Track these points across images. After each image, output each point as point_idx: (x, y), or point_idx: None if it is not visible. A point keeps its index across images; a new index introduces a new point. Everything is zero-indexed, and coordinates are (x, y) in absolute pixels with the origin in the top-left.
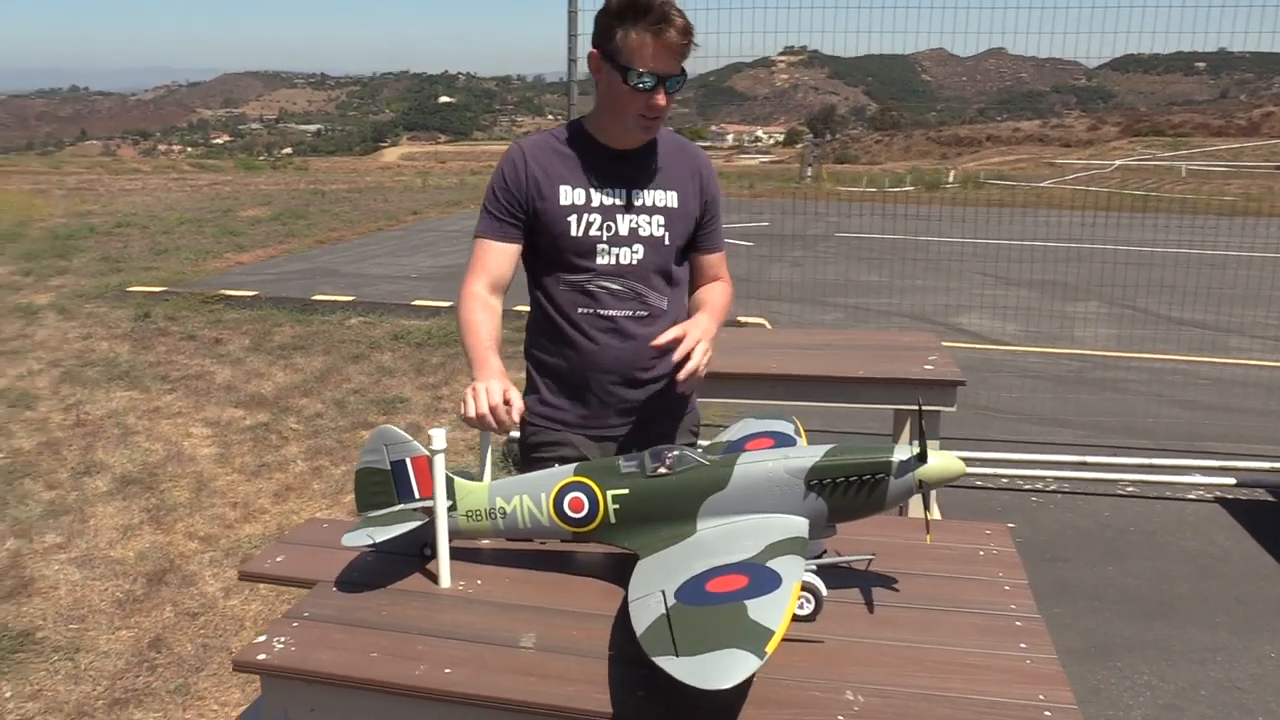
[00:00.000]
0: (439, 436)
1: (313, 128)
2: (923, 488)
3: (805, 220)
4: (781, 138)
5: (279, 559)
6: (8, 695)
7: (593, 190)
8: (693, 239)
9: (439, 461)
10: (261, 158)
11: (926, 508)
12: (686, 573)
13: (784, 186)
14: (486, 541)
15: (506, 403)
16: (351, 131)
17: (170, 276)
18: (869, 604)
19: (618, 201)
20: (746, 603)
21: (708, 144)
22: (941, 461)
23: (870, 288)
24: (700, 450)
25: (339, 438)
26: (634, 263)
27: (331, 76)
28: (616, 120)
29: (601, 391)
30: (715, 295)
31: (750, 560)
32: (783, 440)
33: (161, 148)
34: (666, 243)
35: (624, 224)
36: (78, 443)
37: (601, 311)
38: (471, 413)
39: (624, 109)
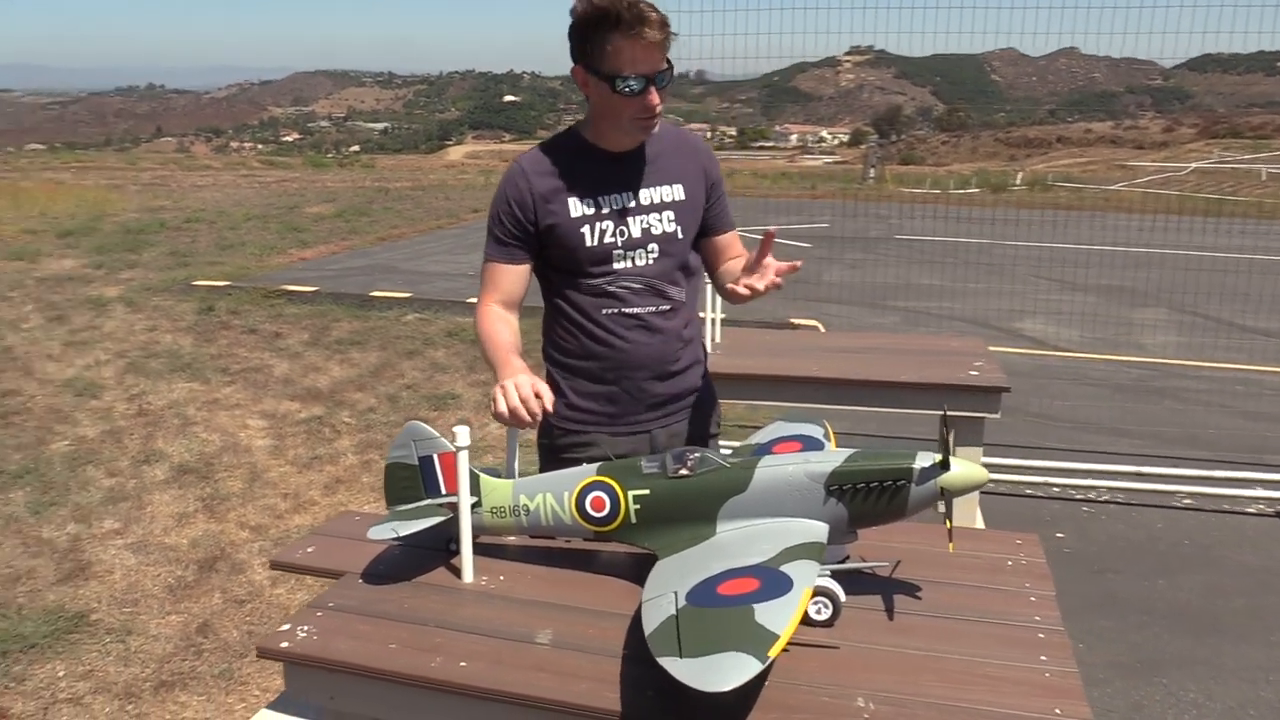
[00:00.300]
0: (463, 433)
1: (380, 126)
2: (945, 495)
3: (866, 222)
4: (846, 138)
5: (310, 550)
6: (61, 674)
7: (600, 197)
8: (703, 224)
9: (463, 458)
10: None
11: (949, 516)
12: (701, 574)
13: (846, 188)
14: (512, 538)
15: (537, 396)
16: (418, 130)
17: (235, 271)
18: (889, 611)
19: (627, 204)
20: (755, 606)
21: (770, 144)
22: (964, 470)
23: (928, 291)
24: (727, 452)
25: (389, 432)
26: (651, 262)
27: (399, 75)
28: (614, 126)
29: (632, 388)
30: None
31: (764, 564)
32: (811, 444)
33: (233, 145)
34: (680, 236)
35: (636, 226)
36: (139, 432)
37: (626, 310)
38: (503, 408)
39: (618, 116)
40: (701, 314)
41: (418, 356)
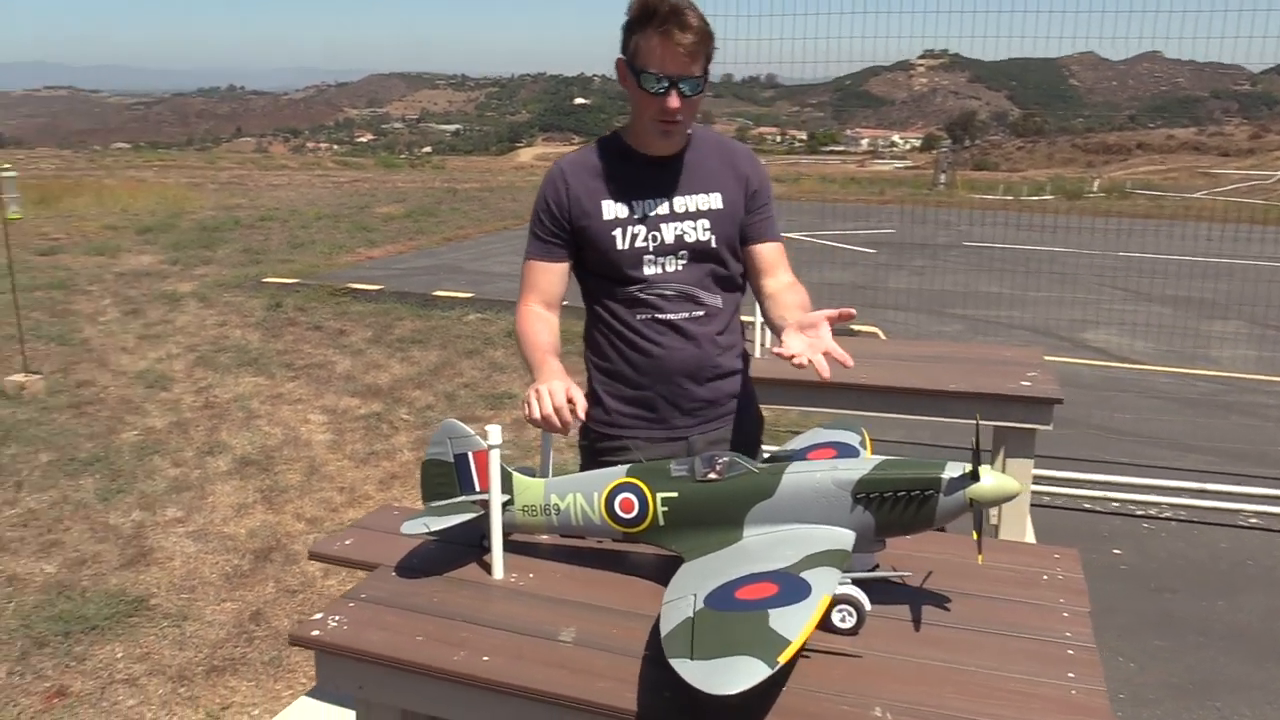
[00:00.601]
0: (495, 432)
1: (452, 127)
2: (974, 506)
3: (933, 228)
4: (918, 143)
5: (348, 542)
6: (119, 656)
7: (635, 202)
8: (744, 232)
9: (494, 456)
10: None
11: (977, 527)
12: (722, 578)
13: (915, 193)
14: (544, 537)
15: (570, 402)
16: (489, 131)
17: (304, 269)
18: (917, 621)
19: (660, 210)
20: (770, 611)
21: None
22: (994, 482)
23: (994, 299)
24: (764, 456)
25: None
26: (680, 269)
27: (471, 78)
28: (641, 127)
29: (667, 393)
30: (798, 297)
31: (785, 569)
32: (846, 451)
33: (309, 145)
34: (713, 245)
35: (669, 232)
36: (205, 423)
37: (660, 315)
38: (536, 414)
39: (642, 114)
40: (749, 318)
41: (477, 356)
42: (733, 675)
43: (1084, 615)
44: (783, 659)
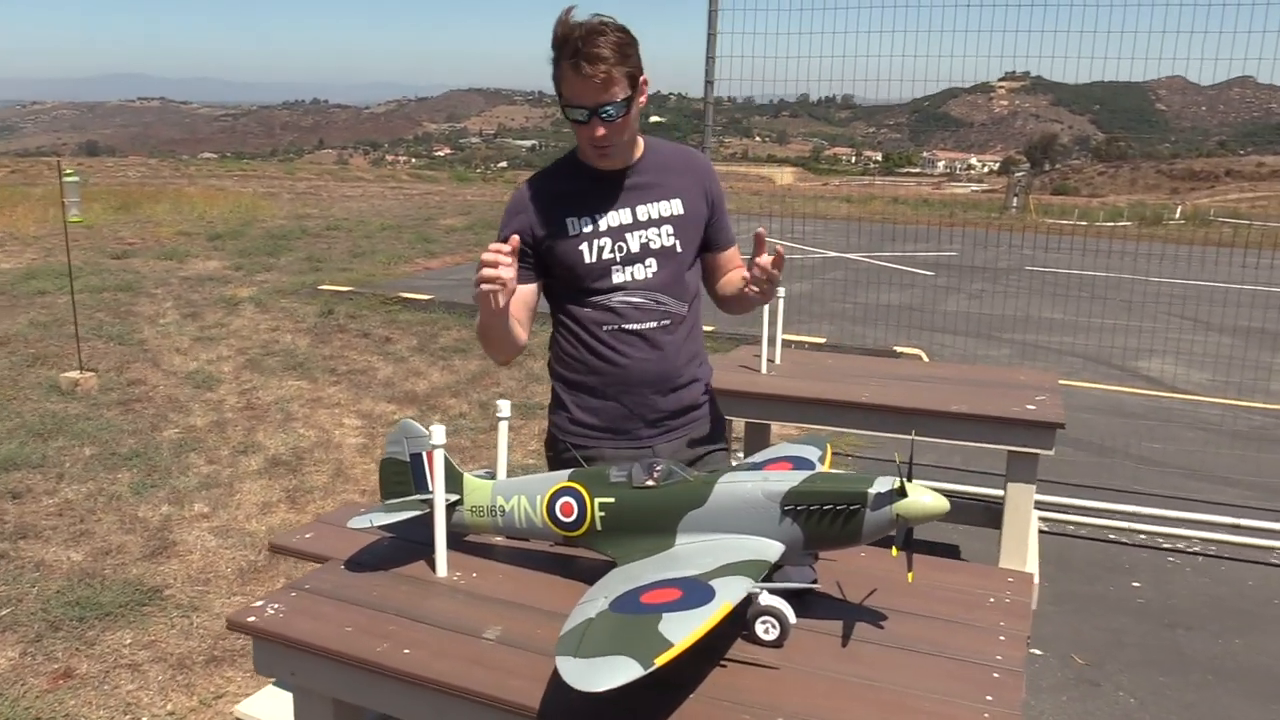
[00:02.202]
0: (439, 432)
1: (528, 143)
2: (900, 522)
3: (997, 252)
4: (996, 166)
5: (308, 535)
6: (127, 642)
7: (597, 216)
8: (705, 240)
9: (439, 455)
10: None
11: (900, 544)
12: (636, 583)
13: (985, 217)
14: (499, 539)
15: (505, 257)
16: (564, 147)
17: (360, 277)
18: (846, 637)
19: (624, 220)
20: (665, 615)
21: (917, 170)
22: (920, 498)
23: (1050, 325)
24: (731, 466)
25: (474, 438)
26: (649, 276)
27: (549, 95)
28: (584, 148)
29: (633, 404)
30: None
31: (695, 576)
32: (801, 465)
33: (389, 158)
34: (679, 250)
35: (634, 241)
36: (243, 424)
37: (627, 326)
38: (485, 276)
39: (579, 138)
40: (758, 332)
41: (516, 366)
42: (606, 673)
43: (1020, 639)
44: (660, 661)
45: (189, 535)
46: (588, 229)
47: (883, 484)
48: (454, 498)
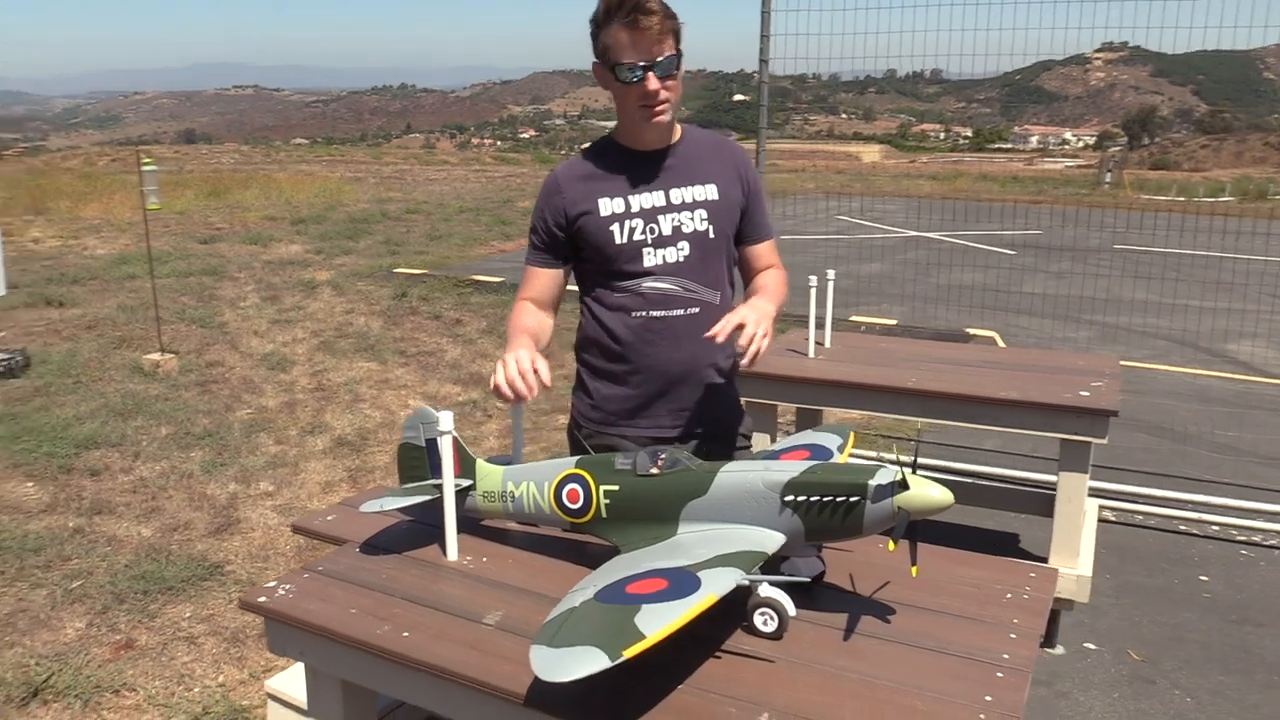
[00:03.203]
0: (446, 418)
1: (611, 124)
2: (900, 514)
3: (1085, 230)
4: (1092, 141)
5: (330, 518)
6: (186, 615)
7: (630, 196)
8: (739, 232)
9: (446, 441)
10: (561, 152)
11: (900, 538)
12: (628, 572)
13: (1076, 194)
14: (515, 525)
15: (535, 371)
16: None
17: (435, 260)
18: (849, 631)
19: (657, 203)
20: (644, 606)
21: (1008, 146)
22: (922, 491)
23: (1135, 306)
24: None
25: (534, 419)
26: (681, 260)
27: None
28: (629, 120)
29: (655, 393)
30: (770, 279)
31: (688, 566)
32: (819, 454)
33: (474, 141)
34: (711, 236)
35: (666, 223)
36: (312, 405)
37: (654, 313)
38: (500, 379)
39: (627, 107)
40: (805, 313)
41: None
42: (572, 664)
43: (1033, 637)
44: (629, 653)
45: (253, 513)
46: (620, 209)
47: (884, 476)
48: (467, 483)
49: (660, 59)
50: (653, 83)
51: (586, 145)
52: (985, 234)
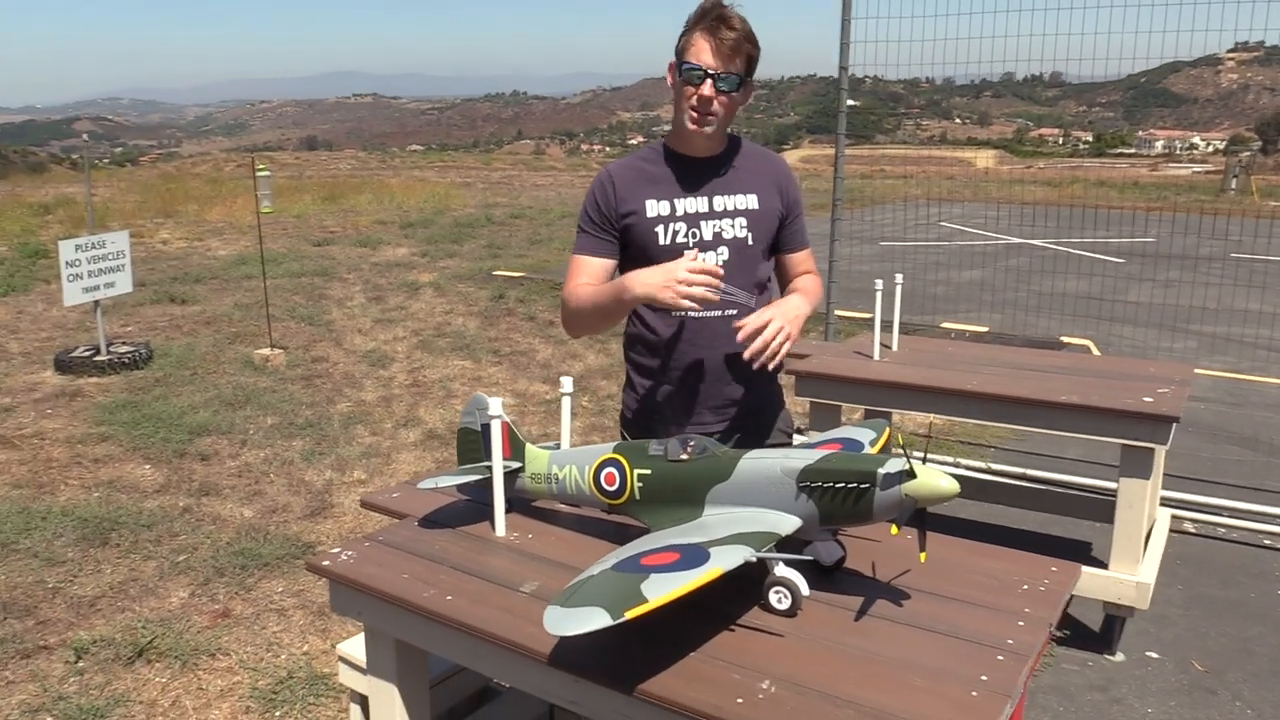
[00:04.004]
0: (495, 404)
1: None
2: (908, 501)
3: (1202, 238)
4: (1222, 145)
5: (396, 495)
6: (279, 590)
7: (676, 200)
8: (777, 240)
9: (495, 425)
10: None
11: (907, 523)
12: (646, 547)
13: (1198, 200)
14: (563, 506)
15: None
16: (756, 133)
17: (535, 264)
18: (861, 612)
19: (700, 208)
20: (652, 575)
21: (1131, 151)
22: (929, 479)
23: (1247, 316)
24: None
25: (617, 418)
26: (720, 265)
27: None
28: (679, 121)
29: (697, 391)
30: (806, 282)
31: (703, 543)
32: (851, 447)
33: (584, 147)
34: (750, 243)
35: (708, 229)
36: (408, 399)
37: (694, 314)
38: (685, 291)
39: (680, 106)
40: (871, 315)
41: None
42: (576, 621)
43: (1041, 626)
44: (630, 615)
45: (345, 499)
46: (665, 212)
47: (893, 465)
48: (516, 465)
49: (724, 73)
50: (708, 89)
51: (639, 145)
52: (1094, 241)
